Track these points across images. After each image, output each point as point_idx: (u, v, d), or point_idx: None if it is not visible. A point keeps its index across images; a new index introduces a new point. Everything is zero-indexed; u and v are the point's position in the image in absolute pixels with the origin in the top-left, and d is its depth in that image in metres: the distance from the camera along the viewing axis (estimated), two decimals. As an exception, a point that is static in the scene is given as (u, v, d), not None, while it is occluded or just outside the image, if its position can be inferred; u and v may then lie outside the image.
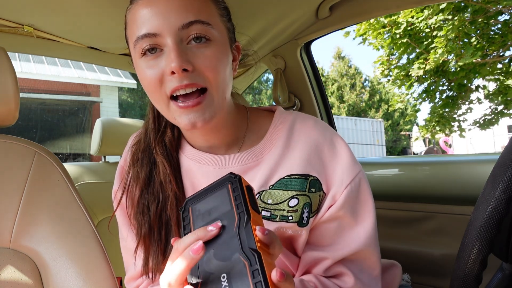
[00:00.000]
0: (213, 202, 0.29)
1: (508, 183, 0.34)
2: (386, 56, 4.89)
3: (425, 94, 5.01)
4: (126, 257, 0.48)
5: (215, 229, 0.27)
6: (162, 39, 0.37)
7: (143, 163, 0.46)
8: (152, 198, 0.43)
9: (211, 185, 0.30)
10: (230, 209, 0.28)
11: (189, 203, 0.31)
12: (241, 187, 0.28)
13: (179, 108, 0.38)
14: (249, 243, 0.25)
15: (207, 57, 0.37)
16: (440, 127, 5.09)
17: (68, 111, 4.78)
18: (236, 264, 0.25)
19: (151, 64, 0.38)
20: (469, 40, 3.98)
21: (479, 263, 0.35)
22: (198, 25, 0.37)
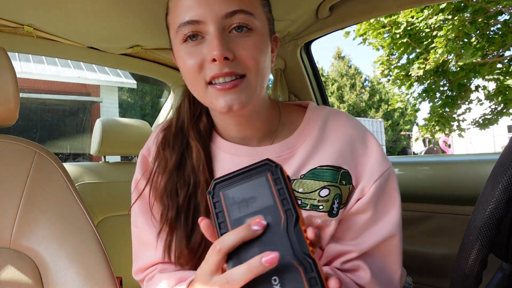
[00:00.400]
0: (249, 191, 0.26)
1: (508, 183, 0.33)
2: (386, 56, 4.90)
3: (425, 94, 5.02)
4: (138, 247, 0.47)
5: (260, 229, 0.24)
6: (205, 26, 0.38)
7: (174, 147, 0.45)
8: (182, 182, 0.43)
9: (244, 170, 0.26)
10: (273, 204, 0.25)
11: (218, 187, 0.27)
12: (283, 179, 0.25)
13: (216, 90, 0.38)
14: (301, 247, 0.23)
15: (248, 46, 0.38)
16: (439, 127, 5.10)
17: (68, 111, 4.78)
18: (288, 268, 0.23)
19: (192, 51, 0.39)
20: (469, 40, 3.99)
21: (479, 263, 0.35)
22: (240, 14, 0.38)
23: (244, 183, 0.26)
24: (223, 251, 0.24)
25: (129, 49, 0.89)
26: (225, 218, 0.26)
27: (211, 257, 0.25)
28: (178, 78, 1.13)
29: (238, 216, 0.25)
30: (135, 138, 1.02)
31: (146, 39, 0.84)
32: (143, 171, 0.47)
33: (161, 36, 0.81)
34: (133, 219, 0.47)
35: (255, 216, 0.25)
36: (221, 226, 0.26)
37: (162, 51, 0.91)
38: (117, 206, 0.96)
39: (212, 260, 0.25)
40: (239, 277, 0.23)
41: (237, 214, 0.26)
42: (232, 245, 0.24)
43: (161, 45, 0.88)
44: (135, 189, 0.47)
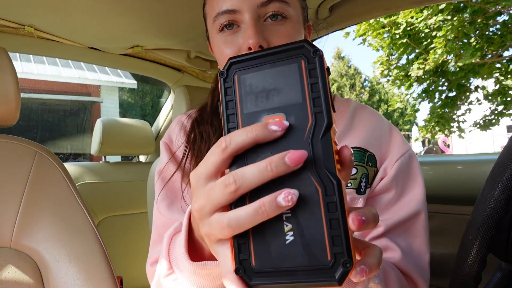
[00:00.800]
0: (273, 79, 0.19)
1: (507, 183, 0.34)
2: (385, 56, 4.90)
3: (424, 94, 5.03)
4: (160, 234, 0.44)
5: (280, 130, 0.18)
6: (241, 15, 0.39)
7: (214, 124, 0.46)
8: None
9: (272, 51, 0.20)
10: (302, 102, 0.19)
11: (234, 68, 0.20)
12: (321, 71, 0.19)
13: None
14: (326, 163, 0.18)
15: (282, 34, 0.38)
16: (439, 127, 5.11)
17: (69, 111, 4.78)
18: (304, 185, 0.18)
19: (228, 40, 0.40)
20: (469, 40, 3.99)
21: (478, 263, 0.35)
22: (276, 3, 0.38)
23: (268, 68, 0.20)
24: (229, 151, 0.19)
25: (130, 49, 0.89)
26: (237, 110, 0.20)
27: (212, 156, 0.19)
28: (178, 79, 1.13)
29: (254, 110, 0.20)
30: (136, 138, 1.03)
31: (146, 39, 0.84)
32: (168, 157, 0.47)
33: (161, 36, 0.81)
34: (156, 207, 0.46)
35: (275, 114, 0.19)
36: (230, 119, 0.20)
37: (162, 51, 0.91)
38: (117, 206, 0.96)
39: (213, 160, 0.19)
40: (251, 177, 0.18)
41: (253, 107, 0.20)
42: (241, 146, 0.18)
43: (162, 45, 0.88)
44: (160, 178, 0.46)
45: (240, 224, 0.18)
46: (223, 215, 0.18)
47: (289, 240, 0.18)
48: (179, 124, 0.50)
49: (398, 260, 0.39)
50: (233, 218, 0.18)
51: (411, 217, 0.41)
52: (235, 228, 0.18)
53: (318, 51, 0.19)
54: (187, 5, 0.66)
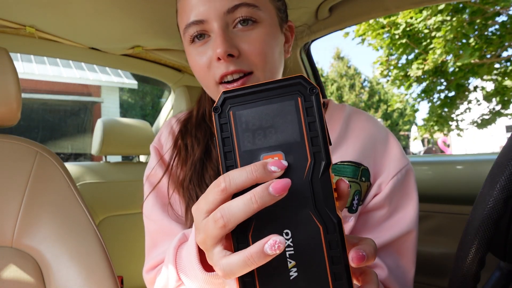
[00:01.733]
0: (270, 116, 0.19)
1: (506, 182, 0.34)
2: (385, 56, 4.91)
3: (423, 94, 5.03)
4: (152, 242, 0.44)
5: (280, 171, 0.18)
6: (209, 25, 0.37)
7: (198, 136, 0.45)
8: (212, 174, 0.42)
9: (268, 86, 0.19)
10: (300, 141, 0.19)
11: (229, 103, 0.20)
12: (318, 109, 0.19)
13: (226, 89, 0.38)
14: (325, 201, 0.18)
15: (254, 40, 0.37)
16: (438, 126, 5.12)
17: (70, 111, 4.79)
18: (305, 223, 0.18)
19: (199, 51, 0.39)
20: (468, 41, 4.00)
21: (477, 262, 0.35)
22: (244, 8, 0.37)
23: (264, 104, 0.19)
24: (229, 191, 0.19)
25: (130, 49, 0.89)
26: (234, 147, 0.19)
27: (212, 195, 0.19)
28: (178, 79, 1.13)
29: (252, 147, 0.19)
30: (136, 138, 1.03)
31: (147, 40, 0.84)
32: (157, 161, 0.46)
33: (162, 37, 0.82)
34: (146, 213, 0.45)
35: (274, 153, 0.19)
36: (227, 157, 0.20)
37: (163, 51, 0.91)
38: (118, 205, 0.96)
39: (213, 198, 0.19)
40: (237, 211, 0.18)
41: (250, 145, 0.19)
42: (241, 186, 0.18)
43: (162, 46, 0.88)
44: (148, 182, 0.46)
45: (233, 270, 0.18)
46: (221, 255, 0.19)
47: (293, 276, 0.18)
48: (168, 127, 0.49)
49: (383, 278, 0.39)
50: (225, 264, 0.19)
51: (402, 236, 0.40)
52: (230, 274, 0.19)
53: (314, 89, 0.19)
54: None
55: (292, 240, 0.19)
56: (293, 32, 0.46)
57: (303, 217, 0.19)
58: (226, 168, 0.20)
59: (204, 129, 0.46)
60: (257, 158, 0.19)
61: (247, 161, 0.19)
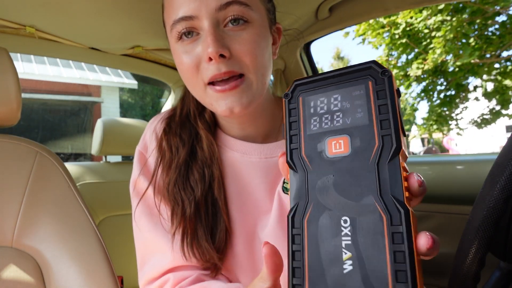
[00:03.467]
0: (338, 100, 0.19)
1: (506, 182, 0.34)
2: (385, 56, 4.91)
3: (423, 94, 5.04)
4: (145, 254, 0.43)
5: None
6: (199, 22, 0.36)
7: (182, 136, 0.42)
8: (197, 176, 0.40)
9: (339, 72, 0.19)
10: (368, 124, 0.18)
11: (299, 90, 0.20)
12: (391, 92, 0.18)
13: (216, 92, 0.36)
14: (393, 189, 0.17)
15: (245, 41, 0.36)
16: (437, 126, 5.13)
17: (70, 111, 4.79)
18: (368, 213, 0.17)
19: (187, 49, 0.37)
20: (467, 40, 4.00)
21: (477, 262, 0.35)
22: (235, 6, 0.35)
23: (334, 89, 0.19)
24: None
25: (130, 49, 0.89)
26: (300, 130, 0.20)
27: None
28: (178, 79, 1.13)
29: (317, 131, 0.19)
30: (136, 138, 1.02)
31: (147, 40, 0.84)
32: (142, 168, 0.44)
33: (162, 37, 0.82)
34: (136, 223, 0.43)
35: (340, 136, 0.18)
36: (293, 140, 0.20)
37: (162, 51, 0.91)
38: (118, 205, 0.96)
39: None
40: None
41: (316, 128, 0.19)
42: None
43: (162, 46, 0.88)
44: (135, 190, 0.44)
45: None
46: None
47: (347, 269, 0.16)
48: (151, 127, 0.47)
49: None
50: None
51: None
52: None
53: (387, 72, 0.18)
54: (188, 5, 0.66)
55: (350, 229, 0.17)
56: (280, 34, 0.45)
57: (365, 204, 0.17)
58: (290, 150, 0.20)
59: (189, 129, 0.43)
60: (322, 141, 0.19)
61: (311, 145, 0.19)
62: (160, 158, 0.43)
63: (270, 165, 0.41)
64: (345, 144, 0.18)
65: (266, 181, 0.41)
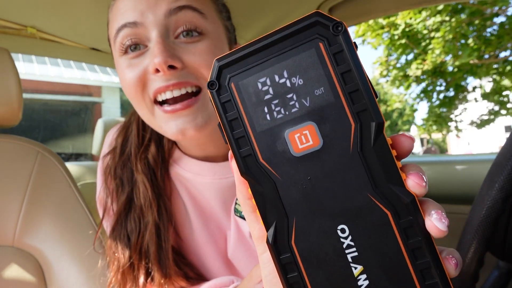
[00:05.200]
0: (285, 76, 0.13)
1: (504, 182, 0.34)
2: (385, 57, 4.93)
3: (423, 95, 5.06)
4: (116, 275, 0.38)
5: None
6: (145, 30, 0.31)
7: (123, 181, 0.38)
8: (133, 224, 0.36)
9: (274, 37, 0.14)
10: (335, 100, 0.13)
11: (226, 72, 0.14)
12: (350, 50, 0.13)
13: (165, 113, 0.31)
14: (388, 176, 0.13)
15: (201, 52, 0.31)
16: (437, 126, 5.14)
17: (71, 111, 4.79)
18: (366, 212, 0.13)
19: (132, 63, 0.32)
20: (466, 41, 4.01)
21: (476, 262, 0.35)
22: (188, 11, 0.31)
23: (275, 63, 0.14)
24: None
25: (131, 50, 0.89)
26: (247, 129, 0.14)
27: None
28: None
29: (270, 125, 0.14)
30: (136, 138, 1.03)
31: (147, 41, 0.85)
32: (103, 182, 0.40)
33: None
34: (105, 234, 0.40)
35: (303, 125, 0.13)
36: (241, 144, 0.14)
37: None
38: (118, 206, 0.96)
39: None
40: None
41: (268, 122, 0.14)
42: None
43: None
44: (100, 204, 0.40)
45: None
46: None
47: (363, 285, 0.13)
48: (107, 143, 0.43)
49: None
50: None
51: None
52: None
53: (340, 26, 0.13)
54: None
55: (352, 238, 0.13)
56: None
57: (361, 203, 0.13)
58: (242, 159, 0.14)
59: (129, 173, 0.38)
60: (281, 137, 0.14)
61: (267, 145, 0.14)
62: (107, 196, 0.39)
63: (224, 186, 0.37)
64: (312, 135, 0.13)
65: (224, 201, 0.37)
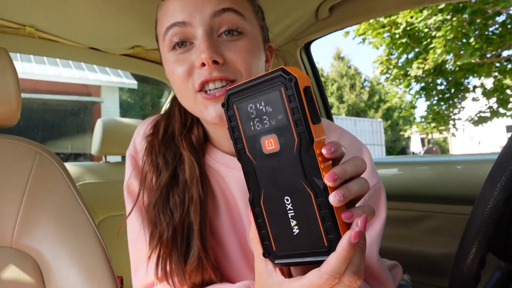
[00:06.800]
0: (263, 106, 0.23)
1: (506, 182, 0.34)
2: (385, 56, 4.92)
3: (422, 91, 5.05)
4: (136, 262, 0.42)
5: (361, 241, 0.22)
6: (192, 29, 0.36)
7: (166, 157, 0.41)
8: (177, 199, 0.39)
9: (257, 81, 0.24)
10: (287, 124, 0.23)
11: (232, 98, 0.25)
12: (298, 95, 0.22)
13: (206, 99, 0.36)
14: (313, 172, 0.22)
15: (239, 49, 0.36)
16: (436, 124, 5.14)
17: (70, 111, 4.79)
18: (300, 192, 0.23)
19: (180, 58, 0.37)
20: (468, 40, 4.01)
21: (478, 262, 0.35)
22: (230, 13, 0.36)
23: (258, 96, 0.24)
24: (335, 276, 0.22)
25: (130, 49, 0.89)
26: (240, 133, 0.24)
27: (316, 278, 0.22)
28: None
29: (253, 133, 0.24)
30: (136, 138, 1.02)
31: (146, 40, 0.84)
32: (134, 172, 0.43)
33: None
34: (129, 228, 0.42)
35: (270, 135, 0.23)
36: (237, 142, 0.25)
37: (162, 51, 0.91)
38: (117, 205, 0.96)
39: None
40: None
41: (252, 130, 0.24)
42: (342, 268, 0.22)
43: (162, 46, 0.88)
44: (129, 194, 0.43)
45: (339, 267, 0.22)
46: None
47: (296, 232, 0.23)
48: (140, 134, 0.46)
49: None
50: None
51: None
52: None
53: (292, 79, 0.22)
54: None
55: (292, 205, 0.23)
56: (273, 53, 0.45)
57: (297, 186, 0.23)
58: (238, 151, 0.25)
59: (174, 151, 0.42)
60: (258, 141, 0.24)
61: (251, 144, 0.24)
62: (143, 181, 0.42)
63: None
64: (274, 142, 0.23)
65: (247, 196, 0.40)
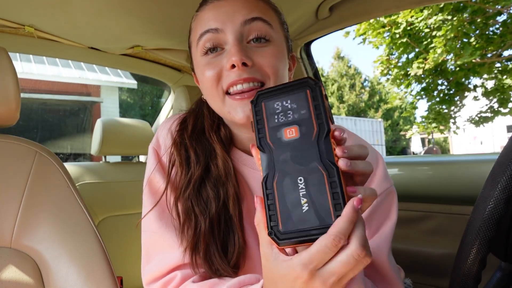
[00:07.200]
0: (289, 104, 0.28)
1: (507, 182, 0.34)
2: (386, 56, 4.91)
3: (423, 92, 5.04)
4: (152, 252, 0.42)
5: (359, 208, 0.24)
6: (224, 35, 0.39)
7: (197, 152, 0.42)
8: (211, 194, 0.40)
9: (286, 85, 0.29)
10: (309, 117, 0.27)
11: (261, 97, 0.30)
12: (321, 96, 0.28)
13: (234, 100, 0.38)
14: (328, 155, 0.26)
15: (267, 54, 0.39)
16: (436, 124, 5.14)
17: (69, 111, 4.79)
18: (314, 172, 0.26)
19: (211, 61, 0.40)
20: (468, 40, 4.00)
21: (478, 263, 0.35)
22: (260, 22, 0.39)
23: (284, 96, 0.29)
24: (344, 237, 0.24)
25: (130, 49, 0.89)
26: (264, 124, 0.28)
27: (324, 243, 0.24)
28: (178, 79, 1.13)
29: (276, 124, 0.28)
30: (136, 138, 1.03)
31: (146, 40, 0.84)
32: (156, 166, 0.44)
33: (162, 37, 0.81)
34: (147, 222, 0.43)
35: (292, 126, 0.28)
36: (260, 131, 0.29)
37: (162, 51, 0.91)
38: (117, 206, 0.96)
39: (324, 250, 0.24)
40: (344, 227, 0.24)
41: (275, 122, 0.28)
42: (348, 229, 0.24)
43: (162, 45, 0.88)
44: (150, 188, 0.44)
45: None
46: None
47: (305, 209, 0.26)
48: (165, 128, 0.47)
49: None
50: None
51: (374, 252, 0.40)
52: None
53: (318, 83, 0.28)
54: (187, 5, 0.66)
55: (304, 184, 0.26)
56: (295, 62, 0.47)
57: (312, 167, 0.26)
58: (259, 139, 0.29)
59: (205, 145, 0.43)
60: (280, 130, 0.28)
61: (273, 133, 0.28)
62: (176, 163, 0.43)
63: None
64: (296, 131, 0.28)
65: None
